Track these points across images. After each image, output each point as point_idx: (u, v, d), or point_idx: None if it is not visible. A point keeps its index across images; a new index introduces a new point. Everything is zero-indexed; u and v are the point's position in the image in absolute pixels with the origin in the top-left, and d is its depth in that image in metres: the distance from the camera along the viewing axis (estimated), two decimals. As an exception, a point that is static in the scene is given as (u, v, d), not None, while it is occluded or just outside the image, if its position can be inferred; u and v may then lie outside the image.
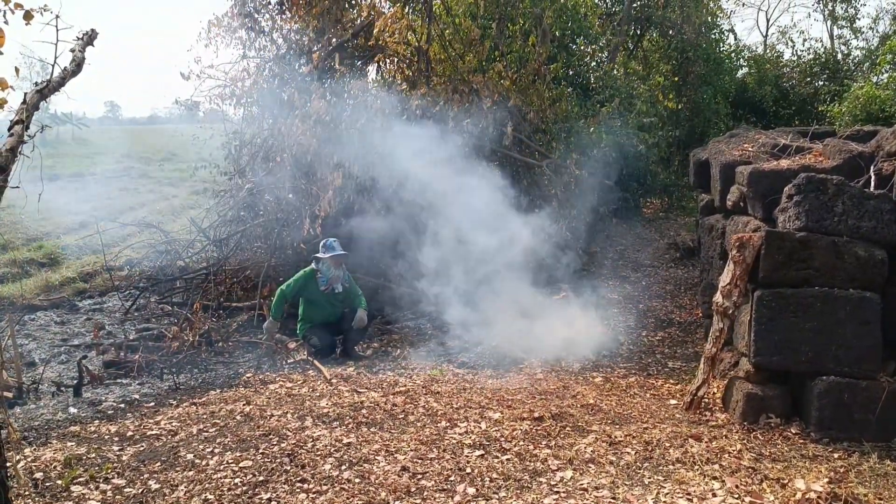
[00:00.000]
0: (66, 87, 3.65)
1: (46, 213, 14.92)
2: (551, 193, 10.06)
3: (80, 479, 4.32)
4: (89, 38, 3.97)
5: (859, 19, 19.57)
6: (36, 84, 3.44)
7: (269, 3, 10.53)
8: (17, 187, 3.19)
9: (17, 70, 3.33)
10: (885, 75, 13.44)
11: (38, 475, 4.38)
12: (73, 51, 3.79)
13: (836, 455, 4.87)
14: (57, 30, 3.31)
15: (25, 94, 3.35)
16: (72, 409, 6.06)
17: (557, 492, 4.14)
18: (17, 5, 3.21)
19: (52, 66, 3.39)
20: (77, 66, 3.71)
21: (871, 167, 5.91)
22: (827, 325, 5.27)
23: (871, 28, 19.03)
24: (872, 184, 5.74)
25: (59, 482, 4.29)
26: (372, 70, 11.54)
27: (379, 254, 9.42)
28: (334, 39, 10.01)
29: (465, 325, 8.46)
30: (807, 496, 4.01)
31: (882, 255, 5.31)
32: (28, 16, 3.22)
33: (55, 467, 4.51)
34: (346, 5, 10.47)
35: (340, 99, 9.64)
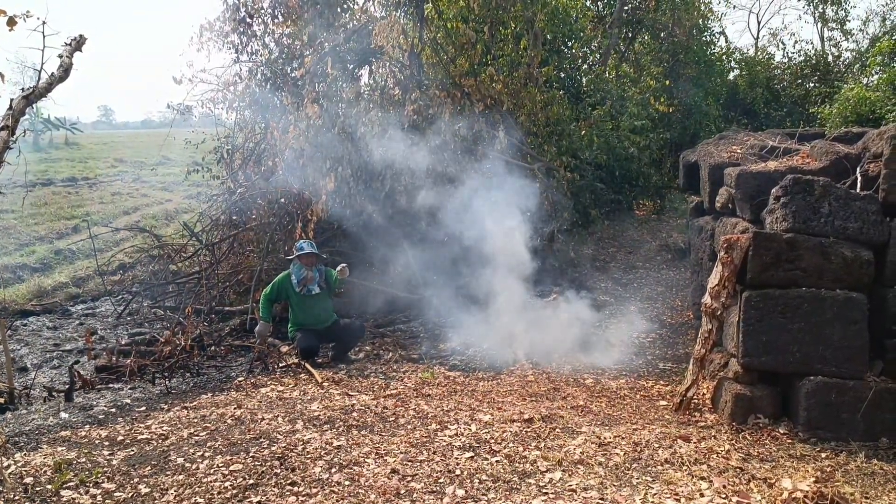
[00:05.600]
0: (54, 93, 3.66)
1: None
2: (543, 196, 10.08)
3: (71, 484, 4.33)
4: (77, 43, 3.97)
5: (849, 21, 19.69)
6: (23, 90, 3.45)
7: (262, 7, 10.56)
8: (4, 194, 3.21)
9: (2, 76, 3.33)
10: (875, 77, 13.49)
11: (29, 480, 4.38)
12: (60, 56, 3.80)
13: (823, 454, 4.91)
14: (44, 35, 3.33)
15: (11, 99, 3.36)
16: (63, 414, 6.06)
17: (546, 493, 4.15)
18: (0, 11, 3.21)
19: (39, 71, 3.40)
20: (65, 71, 3.72)
21: (858, 168, 5.96)
22: (814, 326, 5.30)
23: (861, 30, 19.18)
24: (858, 185, 5.78)
25: (50, 487, 4.29)
26: (364, 74, 11.58)
27: (374, 258, 9.46)
28: (327, 44, 10.03)
29: (456, 328, 8.48)
30: (794, 496, 4.03)
31: (868, 255, 5.35)
32: (11, 22, 3.22)
33: (45, 472, 4.52)
34: (339, 9, 10.50)
35: (333, 103, 9.66)
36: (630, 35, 17.33)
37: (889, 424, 5.18)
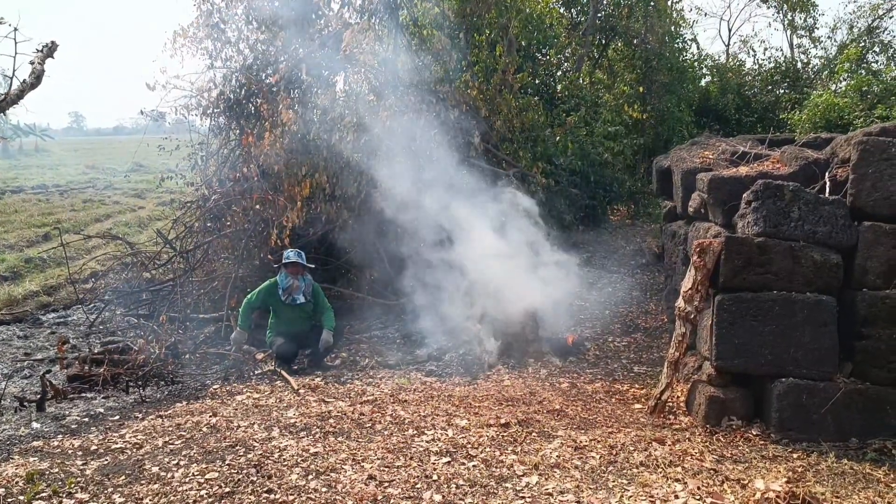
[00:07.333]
0: (25, 99, 3.61)
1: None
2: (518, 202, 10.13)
3: (43, 495, 4.27)
4: (49, 50, 3.94)
5: (818, 29, 19.99)
6: (-6, 97, 3.41)
7: (236, 13, 10.51)
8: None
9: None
10: (843, 83, 13.77)
11: (1, 491, 4.32)
12: (32, 63, 3.76)
13: (795, 455, 4.98)
14: (15, 42, 3.30)
15: (-17, 107, 3.32)
16: (35, 424, 5.98)
17: (523, 497, 4.18)
18: (-26, 18, 3.18)
19: (11, 79, 3.37)
20: (36, 78, 3.68)
21: (826, 173, 6.07)
22: (785, 329, 5.39)
23: (829, 37, 19.46)
24: (827, 189, 5.89)
25: (22, 498, 4.23)
26: (340, 80, 11.56)
27: (349, 264, 9.44)
28: (301, 50, 10.01)
29: (432, 334, 8.48)
30: (766, 496, 4.10)
31: (837, 258, 5.45)
32: (-16, 29, 3.20)
33: (17, 483, 4.45)
34: (314, 16, 10.48)
35: (308, 109, 9.64)
36: (604, 42, 17.48)
37: (858, 425, 5.29)
